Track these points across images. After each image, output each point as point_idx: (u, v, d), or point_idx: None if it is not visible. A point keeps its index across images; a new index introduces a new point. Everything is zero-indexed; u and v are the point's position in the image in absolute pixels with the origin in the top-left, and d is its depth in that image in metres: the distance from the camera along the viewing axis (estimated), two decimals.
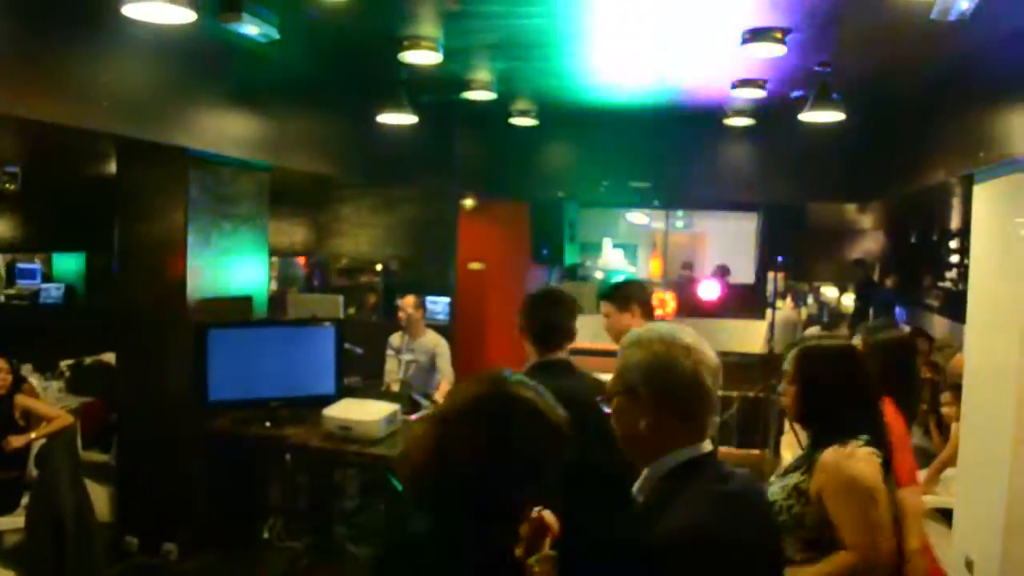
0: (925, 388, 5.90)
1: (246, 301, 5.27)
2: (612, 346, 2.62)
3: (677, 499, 1.69)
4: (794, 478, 2.37)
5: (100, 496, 5.21)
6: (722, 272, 10.03)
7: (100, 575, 4.59)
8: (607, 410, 1.88)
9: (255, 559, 5.01)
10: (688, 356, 1.77)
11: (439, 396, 5.75)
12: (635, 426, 1.78)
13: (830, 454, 2.31)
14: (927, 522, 5.24)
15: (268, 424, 4.89)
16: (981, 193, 4.68)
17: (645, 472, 1.81)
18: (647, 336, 1.83)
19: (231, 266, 5.20)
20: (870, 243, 14.39)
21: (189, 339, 4.82)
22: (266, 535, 5.14)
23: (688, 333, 1.84)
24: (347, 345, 5.33)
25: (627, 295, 3.76)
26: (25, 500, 4.60)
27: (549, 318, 3.01)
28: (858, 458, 2.28)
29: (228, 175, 5.16)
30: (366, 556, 4.83)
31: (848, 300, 16.08)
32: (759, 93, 5.34)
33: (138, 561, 4.95)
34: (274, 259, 9.29)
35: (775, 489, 2.39)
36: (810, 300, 14.54)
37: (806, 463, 2.37)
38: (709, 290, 7.72)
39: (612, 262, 10.39)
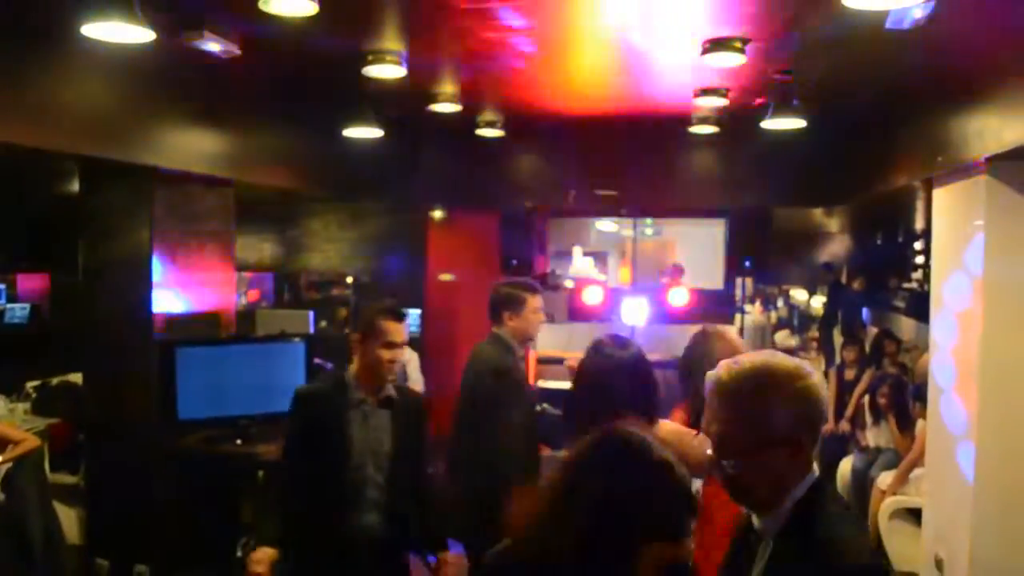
0: (889, 387, 5.99)
1: (214, 318, 5.24)
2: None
3: (818, 525, 1.59)
4: None
5: (70, 518, 5.15)
6: (676, 272, 10.06)
7: None
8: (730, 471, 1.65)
9: None
10: (819, 382, 1.64)
11: None
12: (780, 475, 1.62)
13: None
14: (898, 522, 5.34)
15: (239, 442, 4.86)
16: (940, 196, 4.77)
17: (768, 515, 1.66)
18: (771, 376, 1.63)
19: (198, 283, 5.16)
20: (837, 246, 14.60)
21: (156, 358, 4.79)
22: (239, 553, 5.08)
23: (786, 356, 1.70)
24: (317, 360, 5.31)
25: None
26: None
27: None
28: None
29: (193, 192, 5.13)
30: None
31: (818, 303, 16.30)
32: (722, 101, 5.40)
33: None
34: (246, 275, 9.24)
35: None
36: (780, 304, 14.69)
37: None
38: (678, 296, 7.78)
39: (582, 270, 10.44)
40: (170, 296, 4.96)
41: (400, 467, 3.17)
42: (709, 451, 1.68)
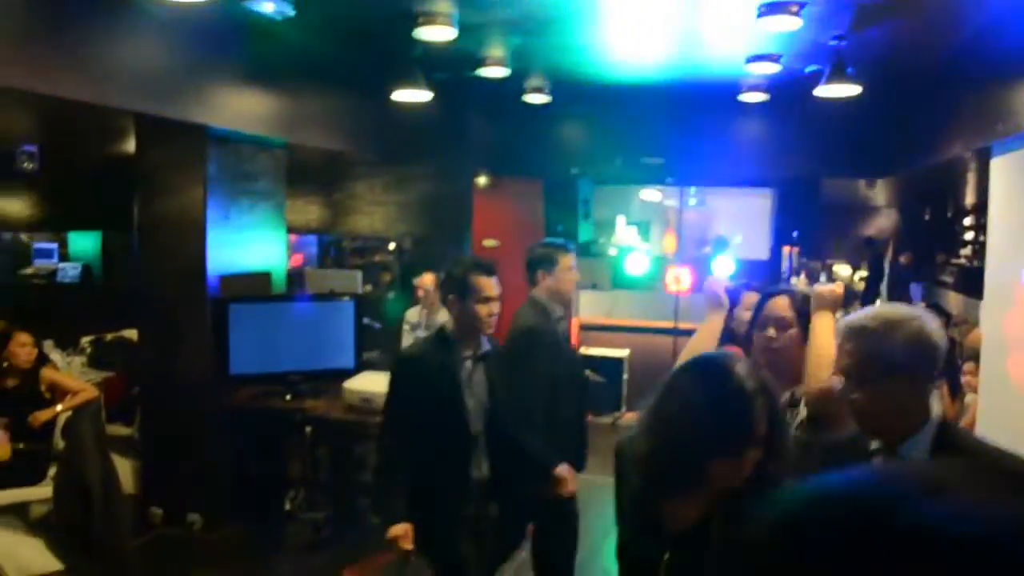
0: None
1: (265, 277, 5.33)
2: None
3: (965, 444, 1.89)
4: None
5: (124, 469, 5.29)
6: (719, 245, 9.95)
7: (127, 544, 4.68)
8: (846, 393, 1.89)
9: (278, 530, 5.10)
10: (936, 328, 1.87)
11: None
12: (902, 404, 1.85)
13: None
14: None
15: (289, 397, 4.96)
16: (999, 166, 4.68)
17: (909, 442, 1.86)
18: (893, 317, 1.87)
19: (250, 242, 5.25)
20: (883, 220, 14.35)
21: (209, 314, 4.89)
22: (288, 506, 5.22)
23: (906, 306, 1.98)
24: (366, 320, 5.39)
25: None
26: (52, 472, 4.69)
27: None
28: None
29: (246, 152, 5.21)
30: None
31: (860, 278, 16.04)
32: (773, 68, 5.33)
33: (163, 532, 5.04)
34: (290, 238, 9.34)
35: None
36: (823, 278, 14.51)
37: None
38: (722, 266, 7.74)
39: (625, 239, 10.41)
40: (223, 254, 5.05)
41: (499, 416, 3.24)
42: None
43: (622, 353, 8.15)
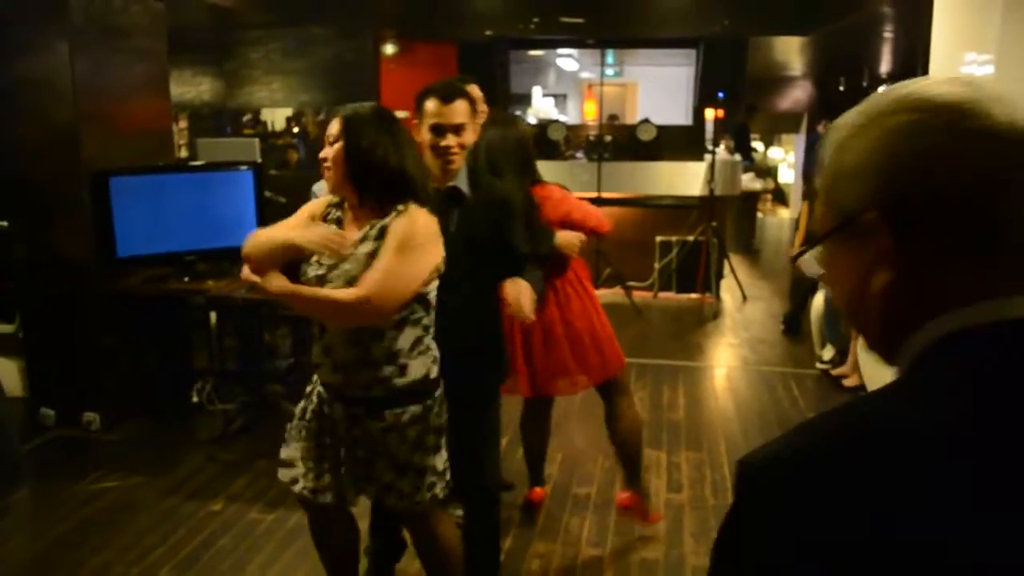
0: None
1: (150, 145, 4.75)
2: None
3: None
4: (368, 246, 2.30)
5: (9, 370, 4.80)
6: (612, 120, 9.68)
7: (17, 452, 4.23)
8: None
9: (186, 424, 4.71)
10: None
11: None
12: None
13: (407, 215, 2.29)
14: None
15: (186, 279, 4.48)
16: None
17: None
18: None
19: (131, 107, 4.64)
20: (799, 92, 14.29)
21: (88, 190, 4.33)
22: (196, 399, 4.82)
23: None
24: (268, 194, 4.89)
25: None
26: None
27: None
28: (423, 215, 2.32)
29: (115, 2, 4.54)
30: None
31: (774, 154, 16.16)
32: None
33: (58, 433, 4.59)
34: (182, 126, 8.60)
35: (348, 267, 2.28)
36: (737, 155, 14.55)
37: (380, 231, 2.30)
38: (646, 131, 7.42)
39: (543, 110, 9.99)
40: (98, 122, 4.45)
41: None
42: None
43: None
